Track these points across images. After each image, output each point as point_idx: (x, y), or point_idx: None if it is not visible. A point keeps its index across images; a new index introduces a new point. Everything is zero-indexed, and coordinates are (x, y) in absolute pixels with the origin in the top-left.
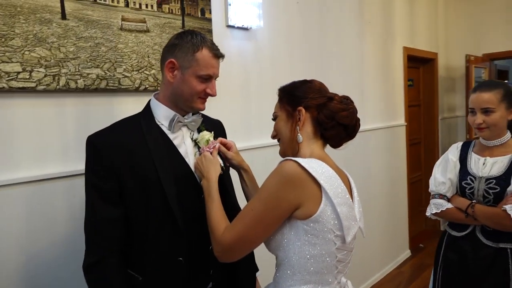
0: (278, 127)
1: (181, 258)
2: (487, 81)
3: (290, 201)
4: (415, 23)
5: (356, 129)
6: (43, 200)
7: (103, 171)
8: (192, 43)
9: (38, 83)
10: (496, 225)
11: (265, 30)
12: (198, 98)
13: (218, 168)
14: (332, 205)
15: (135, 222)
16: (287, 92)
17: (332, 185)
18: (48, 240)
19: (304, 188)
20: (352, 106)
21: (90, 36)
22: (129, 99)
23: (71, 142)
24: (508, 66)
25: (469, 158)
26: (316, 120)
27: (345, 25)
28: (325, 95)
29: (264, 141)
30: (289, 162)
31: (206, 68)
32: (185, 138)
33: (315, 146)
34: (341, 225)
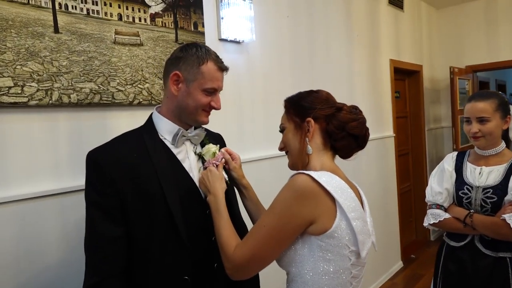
0: (286, 139)
1: (186, 277)
2: (482, 91)
3: (304, 217)
4: (400, 36)
5: (366, 139)
6: (35, 219)
7: (104, 188)
8: (197, 56)
9: (30, 98)
10: (495, 235)
11: (257, 44)
12: (202, 111)
13: (223, 183)
14: (346, 220)
15: (138, 240)
16: (294, 103)
17: (346, 198)
18: (41, 261)
19: (318, 202)
20: (362, 116)
21: (83, 49)
22: (123, 113)
23: (64, 158)
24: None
25: (465, 167)
26: (326, 131)
27: (334, 38)
28: (333, 105)
29: (258, 154)
30: (301, 176)
31: (211, 81)
32: (189, 152)
33: (325, 158)
34: (356, 240)
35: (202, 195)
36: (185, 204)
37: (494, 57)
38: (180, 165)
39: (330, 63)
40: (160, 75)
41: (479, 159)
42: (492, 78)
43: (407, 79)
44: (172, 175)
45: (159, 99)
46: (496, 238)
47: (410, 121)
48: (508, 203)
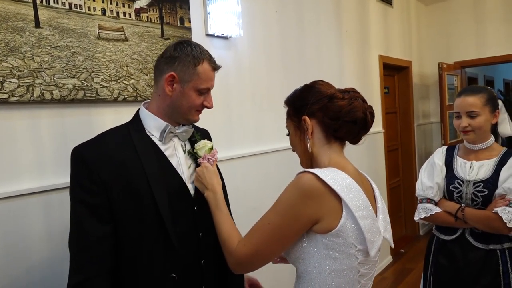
0: (291, 142)
1: (174, 275)
2: (472, 86)
3: (308, 216)
4: (389, 32)
5: (368, 120)
6: (18, 217)
7: (91, 185)
8: (193, 56)
9: (10, 95)
10: (487, 228)
11: (244, 39)
12: (195, 111)
13: (219, 179)
14: (353, 219)
15: (125, 238)
16: (290, 104)
17: (353, 197)
18: (25, 260)
19: (323, 202)
20: (355, 99)
21: (66, 45)
22: (108, 110)
23: (48, 155)
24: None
25: (455, 162)
26: (323, 123)
27: (323, 34)
28: (325, 95)
29: (246, 151)
30: (306, 175)
31: (206, 81)
32: (177, 149)
33: (331, 151)
34: (363, 239)
35: (190, 192)
36: (174, 202)
37: (482, 53)
38: (168, 162)
39: (319, 59)
40: (146, 71)
41: (469, 153)
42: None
43: (396, 75)
44: (160, 172)
45: (145, 95)
46: (487, 231)
47: (399, 116)
48: (499, 197)
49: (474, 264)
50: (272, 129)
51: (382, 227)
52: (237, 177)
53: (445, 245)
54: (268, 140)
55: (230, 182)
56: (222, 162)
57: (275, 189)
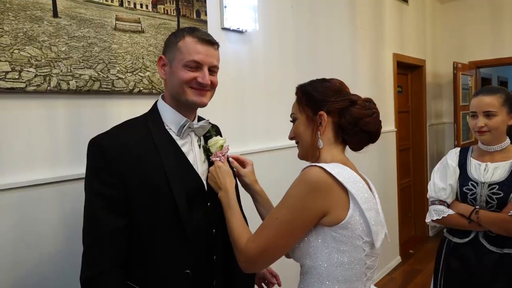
0: (297, 131)
1: (188, 271)
2: (489, 86)
3: (317, 209)
4: (404, 30)
5: (378, 134)
6: (32, 207)
7: (109, 177)
8: (174, 35)
9: (28, 84)
10: (503, 231)
11: (259, 34)
12: (189, 89)
13: (233, 178)
14: (360, 211)
15: (141, 233)
16: (306, 93)
17: (359, 189)
18: (37, 250)
19: (331, 194)
20: (376, 111)
21: (83, 35)
22: (123, 101)
23: (62, 146)
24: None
25: (469, 163)
26: (338, 125)
27: (337, 30)
28: (347, 98)
29: (259, 146)
30: (313, 168)
31: (189, 54)
32: (194, 144)
33: (335, 151)
34: (369, 230)
35: (205, 188)
36: (190, 198)
37: (498, 53)
38: (185, 159)
39: (333, 55)
40: None
41: (483, 155)
42: (495, 75)
43: (410, 74)
44: (178, 168)
45: (160, 88)
46: (503, 234)
47: (411, 116)
48: None
49: (488, 268)
50: (284, 125)
51: (383, 221)
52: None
53: (457, 248)
54: (280, 136)
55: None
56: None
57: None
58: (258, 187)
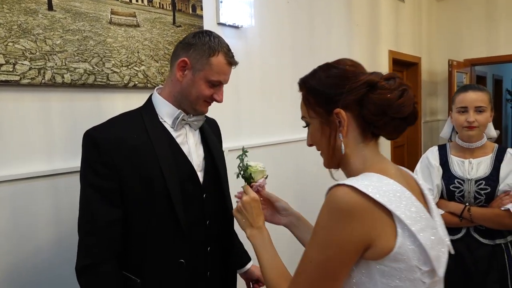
0: (313, 137)
1: (182, 260)
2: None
3: (355, 242)
4: (400, 27)
5: (416, 113)
6: (27, 200)
7: (103, 169)
8: (209, 46)
9: (22, 77)
10: (497, 225)
11: (255, 29)
12: (203, 102)
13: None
14: (411, 236)
15: (135, 222)
16: (312, 91)
17: (406, 206)
18: (32, 243)
19: (370, 220)
20: (404, 87)
21: (78, 29)
22: (118, 95)
23: (57, 139)
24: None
25: (450, 161)
26: (361, 118)
27: (334, 26)
28: (363, 82)
29: (254, 141)
30: (340, 189)
31: (218, 74)
32: (188, 136)
33: (367, 150)
34: (427, 257)
35: (200, 180)
36: (184, 189)
37: (493, 52)
38: (180, 149)
39: (328, 52)
40: (157, 58)
41: (463, 151)
42: (489, 73)
43: (405, 71)
44: (172, 159)
45: (155, 82)
46: (497, 228)
47: None
48: (504, 194)
49: (483, 260)
50: (280, 121)
51: (443, 233)
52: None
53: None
54: (276, 132)
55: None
56: (229, 152)
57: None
58: (296, 212)
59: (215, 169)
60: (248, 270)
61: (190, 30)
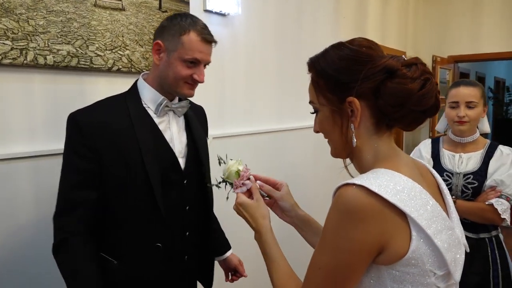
0: (321, 125)
1: (159, 244)
2: (466, 79)
3: (367, 247)
4: (387, 21)
5: (438, 105)
6: (6, 180)
7: (85, 151)
8: (180, 26)
9: (3, 56)
10: (481, 219)
11: (242, 17)
12: (184, 84)
13: (265, 210)
14: (426, 238)
15: (114, 205)
16: (323, 73)
17: (420, 206)
18: (13, 222)
19: (382, 223)
20: (428, 77)
21: (62, 10)
22: (101, 79)
23: (38, 121)
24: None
25: (442, 154)
26: (376, 109)
27: (321, 17)
28: (381, 67)
29: (237, 129)
30: (348, 190)
31: (192, 51)
32: (171, 123)
33: (380, 143)
34: (443, 260)
35: (181, 166)
36: (164, 174)
37: (477, 49)
38: (161, 136)
39: (315, 42)
40: (142, 43)
41: (455, 146)
42: (473, 70)
43: None
44: (153, 144)
45: (139, 67)
46: (480, 222)
47: None
48: (490, 189)
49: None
50: (264, 109)
51: (459, 232)
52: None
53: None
54: (260, 120)
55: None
56: (214, 140)
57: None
58: (301, 212)
59: (197, 156)
60: (226, 258)
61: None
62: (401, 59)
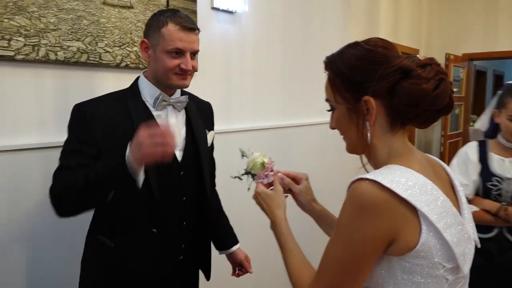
0: (337, 123)
1: (154, 230)
2: None
3: (379, 238)
4: (399, 18)
5: (452, 104)
6: (19, 169)
7: (85, 137)
8: (158, 20)
9: (17, 52)
10: None
11: (249, 15)
12: (174, 75)
13: (282, 201)
14: (436, 232)
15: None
16: (339, 74)
17: (431, 201)
18: (24, 207)
19: (393, 215)
20: (442, 77)
21: (72, 8)
22: (110, 74)
23: (49, 114)
24: (487, 67)
25: (490, 158)
26: (391, 108)
27: (330, 14)
28: (396, 68)
29: (243, 125)
30: (362, 184)
31: (173, 42)
32: (170, 117)
33: (394, 140)
34: (452, 254)
35: (178, 159)
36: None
37: (493, 47)
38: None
39: (323, 40)
40: None
41: (505, 150)
42: (490, 68)
43: None
44: None
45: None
46: None
47: None
48: None
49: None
50: (270, 106)
51: (470, 227)
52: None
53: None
54: (265, 117)
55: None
56: (219, 134)
57: None
58: (318, 207)
59: (196, 150)
60: (232, 253)
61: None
62: (416, 59)
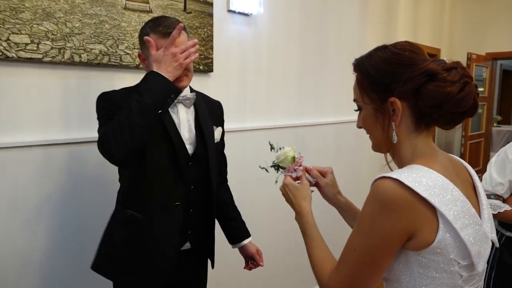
0: (364, 122)
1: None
2: None
3: (398, 233)
4: (419, 17)
5: (476, 106)
6: (45, 162)
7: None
8: (142, 33)
9: (44, 55)
10: None
11: (265, 17)
12: None
13: (308, 194)
14: (453, 231)
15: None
16: (367, 75)
17: (450, 201)
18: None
19: (413, 213)
20: (467, 80)
21: (95, 13)
22: (129, 75)
23: (73, 112)
24: None
25: None
26: (416, 109)
27: (347, 15)
28: (421, 71)
29: (256, 124)
30: (385, 182)
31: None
32: (180, 112)
33: (418, 140)
34: (467, 252)
35: (189, 152)
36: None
37: None
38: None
39: (339, 42)
40: None
41: None
42: None
43: None
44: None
45: None
46: None
47: None
48: None
49: None
50: (284, 106)
51: (489, 228)
52: (247, 149)
53: (510, 242)
54: (279, 116)
55: (239, 153)
56: (233, 133)
57: None
58: (342, 199)
59: (203, 144)
60: (243, 246)
61: (200, 16)
62: (443, 62)
